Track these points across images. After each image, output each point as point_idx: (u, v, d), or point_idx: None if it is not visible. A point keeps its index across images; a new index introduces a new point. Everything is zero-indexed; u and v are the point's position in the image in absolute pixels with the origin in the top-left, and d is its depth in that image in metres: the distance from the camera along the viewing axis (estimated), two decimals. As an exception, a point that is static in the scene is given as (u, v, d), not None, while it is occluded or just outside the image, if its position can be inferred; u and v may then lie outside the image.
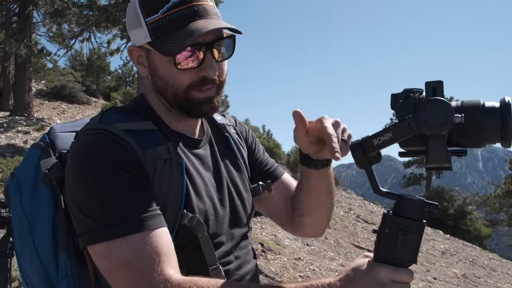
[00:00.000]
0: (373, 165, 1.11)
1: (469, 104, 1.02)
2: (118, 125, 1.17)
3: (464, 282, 9.65)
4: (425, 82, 1.05)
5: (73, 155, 1.16)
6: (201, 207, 1.23)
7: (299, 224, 1.52)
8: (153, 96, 1.30)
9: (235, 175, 1.42)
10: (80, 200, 1.11)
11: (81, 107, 20.25)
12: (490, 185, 35.64)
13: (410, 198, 1.03)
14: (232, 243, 1.33)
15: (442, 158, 1.01)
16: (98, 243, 1.07)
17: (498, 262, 13.90)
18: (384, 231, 1.02)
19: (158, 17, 1.17)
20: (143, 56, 1.25)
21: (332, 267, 7.59)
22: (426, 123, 0.99)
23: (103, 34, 16.43)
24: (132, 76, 30.96)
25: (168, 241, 1.10)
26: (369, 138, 1.08)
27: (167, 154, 1.19)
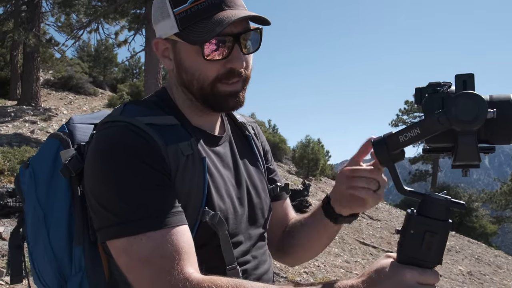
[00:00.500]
0: (396, 162, 1.07)
1: (499, 98, 0.97)
2: (140, 118, 1.14)
3: (470, 280, 9.62)
4: (455, 75, 0.99)
5: (94, 147, 1.13)
6: (222, 205, 1.21)
7: (285, 251, 1.52)
8: (177, 90, 1.28)
9: (254, 175, 1.39)
10: (100, 193, 1.09)
11: (88, 98, 20.30)
12: (496, 182, 35.45)
13: (436, 197, 0.98)
14: (250, 242, 1.30)
15: (472, 155, 0.97)
16: (118, 238, 1.05)
17: (504, 259, 13.85)
18: (409, 232, 0.98)
19: (186, 7, 1.15)
20: (169, 48, 1.23)
21: (337, 263, 7.59)
22: (458, 118, 0.93)
23: (111, 25, 16.47)
24: (139, 68, 31.03)
25: (188, 239, 1.08)
26: (394, 134, 1.04)
27: (189, 150, 1.17)
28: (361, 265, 7.88)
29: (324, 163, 19.49)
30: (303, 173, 17.77)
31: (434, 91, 1.02)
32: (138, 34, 16.04)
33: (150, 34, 14.44)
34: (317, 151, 18.26)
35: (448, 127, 0.96)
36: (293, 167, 18.85)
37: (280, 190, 1.48)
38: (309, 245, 1.46)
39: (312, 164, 17.87)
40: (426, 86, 1.05)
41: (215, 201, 1.19)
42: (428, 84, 1.05)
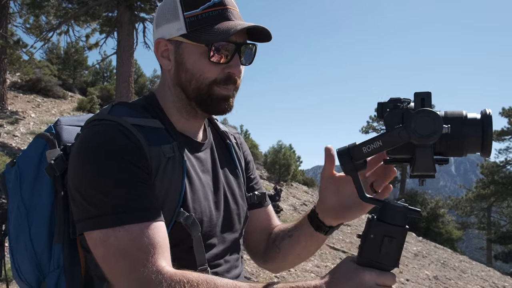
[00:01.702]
0: (358, 171, 1.14)
1: (452, 115, 1.05)
2: (127, 118, 1.21)
3: (436, 284, 9.84)
4: (414, 93, 1.08)
5: (80, 142, 1.18)
6: (197, 208, 1.26)
7: (268, 258, 1.56)
8: (170, 92, 1.34)
9: (233, 181, 1.45)
10: (82, 186, 1.13)
11: (57, 101, 19.88)
12: (462, 188, 36.44)
13: (394, 204, 1.05)
14: (224, 246, 1.35)
15: (429, 167, 1.05)
16: (96, 230, 1.10)
17: (468, 264, 14.22)
18: (369, 237, 1.04)
19: (197, 12, 1.24)
20: (170, 49, 1.30)
21: (308, 268, 7.65)
22: (416, 133, 1.00)
23: (82, 27, 16.19)
24: (110, 72, 30.60)
25: (164, 235, 1.13)
26: (358, 146, 1.11)
27: (171, 153, 1.22)
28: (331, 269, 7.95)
29: (296, 168, 19.61)
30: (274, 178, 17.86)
31: (394, 107, 1.10)
32: (109, 37, 15.84)
33: (122, 37, 14.30)
34: (288, 156, 18.37)
35: (407, 141, 1.03)
36: (265, 172, 18.91)
37: (258, 198, 1.53)
38: (291, 252, 1.50)
39: (284, 169, 17.97)
40: (387, 101, 1.13)
41: (190, 203, 1.24)
42: (389, 99, 1.13)
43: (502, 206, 32.49)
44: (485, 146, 1.03)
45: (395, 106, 1.10)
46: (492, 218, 33.21)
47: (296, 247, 1.47)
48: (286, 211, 11.93)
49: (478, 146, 1.04)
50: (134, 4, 14.56)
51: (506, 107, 31.33)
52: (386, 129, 1.09)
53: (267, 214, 1.61)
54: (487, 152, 1.04)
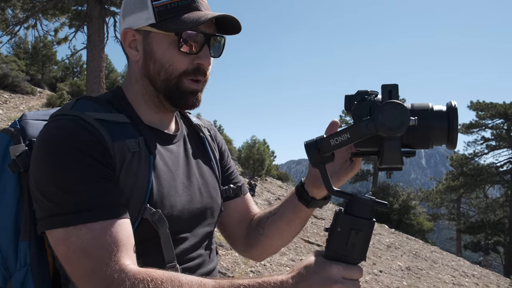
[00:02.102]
0: (326, 164, 1.13)
1: (419, 107, 1.06)
2: (90, 113, 1.17)
3: (408, 274, 10.04)
4: (382, 85, 1.07)
5: (41, 137, 1.14)
6: (166, 203, 1.23)
7: (251, 244, 1.55)
8: (137, 84, 1.31)
9: (206, 174, 1.42)
10: (43, 184, 1.09)
11: (25, 97, 19.41)
12: (432, 181, 37.20)
13: (362, 197, 1.05)
14: (196, 240, 1.33)
15: (396, 159, 1.05)
16: (58, 228, 1.06)
17: (439, 255, 14.55)
18: (336, 230, 1.03)
19: (166, 2, 1.22)
20: (139, 40, 1.27)
21: (283, 262, 7.69)
22: (384, 125, 1.00)
23: (51, 21, 15.83)
24: (80, 67, 30.02)
25: (128, 232, 1.10)
26: (326, 138, 1.09)
27: (136, 147, 1.19)
28: (306, 263, 8.02)
29: (270, 163, 19.70)
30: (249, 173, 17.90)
31: (362, 99, 1.10)
32: (79, 31, 15.51)
33: (92, 31, 14.04)
34: (262, 151, 18.43)
35: (375, 133, 1.03)
36: (239, 168, 18.92)
37: (233, 191, 1.51)
38: (277, 232, 1.49)
39: (258, 164, 18.02)
40: (355, 94, 1.13)
41: (158, 198, 1.21)
42: (356, 92, 1.13)
43: (471, 197, 33.34)
44: (450, 138, 1.04)
45: (362, 98, 1.10)
46: (462, 209, 34.09)
47: (279, 223, 1.46)
48: (260, 206, 11.97)
49: (444, 138, 1.05)
50: (104, -2, 14.29)
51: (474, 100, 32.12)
52: (353, 121, 1.09)
53: (245, 203, 1.59)
54: (453, 144, 1.05)
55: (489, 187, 33.02)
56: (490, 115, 31.27)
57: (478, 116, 31.97)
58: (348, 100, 1.13)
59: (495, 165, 32.02)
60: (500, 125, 31.64)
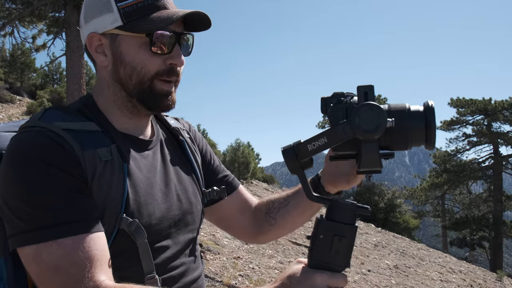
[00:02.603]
0: (305, 169, 1.10)
1: (396, 108, 1.04)
2: (58, 123, 1.12)
3: (396, 273, 10.07)
4: (357, 86, 1.05)
5: (7, 151, 1.11)
6: (144, 211, 1.19)
7: (260, 232, 1.55)
8: (108, 90, 1.27)
9: (185, 179, 1.38)
10: (10, 199, 1.05)
11: (4, 106, 19.10)
12: (417, 178, 37.54)
13: (342, 202, 1.02)
14: (177, 248, 1.28)
15: (375, 162, 1.03)
16: (28, 246, 1.02)
17: (426, 252, 14.66)
18: (319, 237, 1.00)
19: (131, 2, 1.18)
20: (106, 44, 1.23)
21: (271, 264, 7.65)
22: (360, 128, 0.98)
23: (28, 28, 15.59)
24: (60, 74, 29.66)
25: (102, 246, 1.06)
26: (303, 143, 1.06)
27: (108, 156, 1.14)
28: (295, 265, 8.00)
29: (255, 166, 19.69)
30: None
31: (338, 102, 1.08)
32: (57, 38, 15.30)
33: (71, 38, 13.84)
34: (247, 154, 18.42)
35: (353, 136, 1.00)
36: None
37: (217, 193, 1.46)
38: (287, 222, 1.50)
39: (243, 167, 17.99)
40: (331, 96, 1.11)
41: (135, 207, 1.17)
42: (332, 94, 1.12)
43: (455, 194, 33.69)
44: (429, 138, 1.03)
45: (338, 101, 1.08)
46: (446, 206, 34.41)
47: (293, 213, 1.48)
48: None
49: (422, 139, 1.04)
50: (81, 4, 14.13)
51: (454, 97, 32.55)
52: (330, 124, 1.07)
53: (241, 196, 1.59)
54: (431, 145, 1.04)
55: (472, 182, 33.42)
56: (470, 111, 31.67)
57: (458, 112, 32.35)
58: (324, 102, 1.12)
59: (477, 161, 32.43)
60: (481, 121, 32.04)
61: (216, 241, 7.97)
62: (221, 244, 7.86)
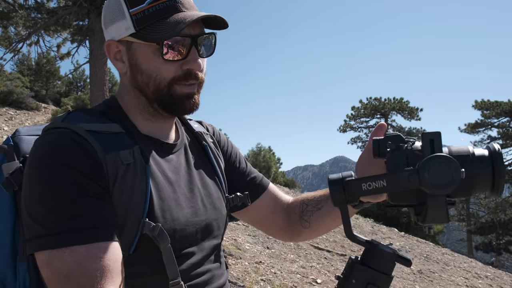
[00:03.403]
0: (349, 204, 1.03)
1: (459, 153, 0.98)
2: (81, 124, 1.12)
3: (420, 278, 9.92)
4: (422, 133, 0.98)
5: (31, 153, 1.09)
6: (168, 216, 1.17)
7: (295, 233, 1.54)
8: (128, 95, 1.26)
9: (210, 184, 1.36)
10: (30, 203, 1.04)
11: (30, 113, 19.50)
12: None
13: (383, 249, 0.97)
14: (203, 254, 1.26)
15: (442, 217, 0.95)
16: (43, 251, 1.01)
17: (450, 257, 14.40)
18: (351, 281, 0.95)
19: (143, 8, 1.15)
20: (123, 51, 1.22)
21: (293, 269, 7.62)
22: (431, 182, 0.91)
23: (53, 37, 15.92)
24: (84, 81, 30.15)
25: (115, 257, 1.04)
26: (357, 180, 0.99)
27: (130, 159, 1.13)
28: (317, 269, 7.96)
29: (276, 170, 19.68)
30: None
31: (397, 147, 1.02)
32: (81, 46, 15.61)
33: (94, 45, 14.09)
34: (268, 158, 18.44)
35: (417, 187, 0.93)
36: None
37: (240, 199, 1.43)
38: (320, 225, 1.48)
39: (264, 172, 18.01)
40: (384, 138, 1.05)
41: (159, 212, 1.15)
42: (386, 137, 1.05)
43: (480, 197, 33.02)
44: (496, 186, 0.96)
45: (397, 146, 1.02)
46: (471, 210, 33.79)
47: (326, 219, 1.45)
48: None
49: (488, 186, 0.97)
50: (105, 12, 14.36)
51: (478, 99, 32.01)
52: (389, 170, 1.00)
53: (271, 195, 1.56)
54: (497, 192, 0.97)
55: (498, 186, 32.74)
56: (495, 113, 31.14)
57: (483, 115, 31.84)
58: (377, 144, 1.06)
59: (503, 164, 31.78)
60: (506, 123, 31.49)
61: (237, 245, 7.99)
62: (242, 249, 7.87)
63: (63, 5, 14.20)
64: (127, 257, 1.10)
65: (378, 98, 35.95)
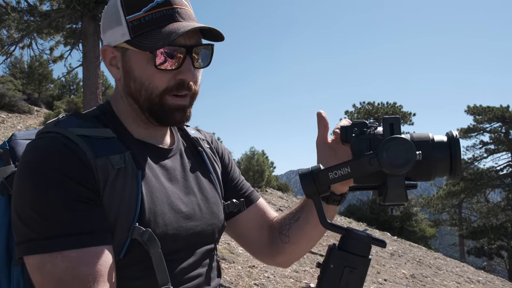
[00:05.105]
0: (321, 195, 1.07)
1: (419, 138, 1.03)
2: (73, 129, 1.11)
3: (413, 282, 9.94)
4: (383, 117, 1.03)
5: (22, 158, 1.09)
6: (160, 221, 1.15)
7: (277, 251, 1.47)
8: (122, 101, 1.25)
9: (207, 189, 1.35)
10: (20, 206, 1.04)
11: (22, 117, 19.40)
12: (433, 186, 37.09)
13: (357, 233, 1.00)
14: (195, 259, 1.25)
15: (401, 196, 1.01)
16: (33, 255, 1.01)
17: (443, 261, 14.45)
18: (329, 266, 0.98)
19: (140, 15, 1.14)
20: (118, 57, 1.21)
21: (286, 273, 7.61)
22: (389, 162, 0.96)
23: (46, 40, 15.91)
24: (77, 84, 30.09)
25: (107, 261, 1.03)
26: (324, 170, 1.04)
27: (121, 164, 1.12)
28: (310, 273, 7.96)
29: (269, 174, 19.67)
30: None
31: (361, 132, 1.07)
32: (74, 49, 15.59)
33: (87, 49, 14.07)
34: (262, 162, 18.41)
35: (378, 169, 0.99)
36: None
37: (236, 206, 1.43)
38: (301, 237, 1.41)
39: (258, 175, 17.98)
40: (351, 125, 1.10)
41: (151, 217, 1.14)
42: (353, 123, 1.11)
43: (472, 202, 33.27)
44: (453, 170, 1.01)
45: (361, 131, 1.07)
46: (463, 214, 33.98)
47: (306, 228, 1.38)
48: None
49: (447, 170, 1.02)
50: (98, 15, 14.33)
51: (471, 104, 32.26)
52: (353, 155, 1.06)
53: (260, 209, 1.52)
54: (456, 176, 1.02)
55: (490, 191, 33.01)
56: (487, 118, 31.37)
57: (475, 120, 32.06)
58: (344, 131, 1.11)
59: (495, 169, 32.02)
60: (498, 128, 31.73)
61: (231, 249, 7.97)
62: (236, 253, 7.85)
63: (56, 8, 14.19)
64: (117, 261, 1.09)
65: (372, 103, 36.16)
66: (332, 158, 1.23)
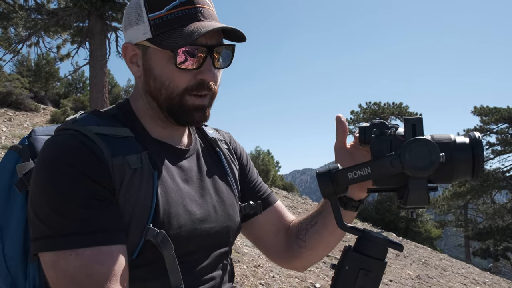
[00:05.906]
0: (338, 196, 1.05)
1: (441, 140, 1.00)
2: (91, 127, 1.11)
3: (419, 283, 9.91)
4: (404, 118, 1.01)
5: (40, 155, 1.09)
6: (174, 223, 1.14)
7: (294, 256, 1.45)
8: (142, 100, 1.25)
9: (223, 191, 1.34)
10: (37, 203, 1.04)
11: (29, 114, 19.48)
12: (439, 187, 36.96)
13: (374, 235, 0.99)
14: (209, 262, 1.24)
15: (423, 199, 0.98)
16: (48, 252, 1.01)
17: (448, 262, 14.39)
18: (344, 268, 0.97)
19: (162, 14, 1.14)
20: (139, 54, 1.20)
21: (291, 273, 7.60)
22: (411, 164, 0.94)
23: (53, 38, 15.98)
24: (83, 83, 30.18)
25: (121, 260, 1.03)
26: (343, 170, 1.02)
27: (138, 164, 1.11)
28: (315, 273, 7.94)
29: (275, 174, 19.67)
30: None
31: (381, 133, 1.05)
32: (81, 47, 15.65)
33: (94, 47, 14.13)
34: (267, 162, 18.41)
35: (400, 171, 0.97)
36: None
37: (252, 208, 1.41)
38: (318, 242, 1.40)
39: (263, 175, 17.96)
40: (370, 125, 1.08)
41: (164, 218, 1.13)
42: (371, 124, 1.08)
43: (478, 203, 33.12)
44: (475, 172, 0.99)
45: (381, 132, 1.05)
46: (469, 216, 33.82)
47: (323, 233, 1.37)
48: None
49: (469, 172, 0.99)
50: (105, 14, 14.41)
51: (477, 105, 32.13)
52: (373, 156, 1.03)
53: (277, 212, 1.51)
54: (477, 178, 1.00)
55: (496, 192, 32.82)
56: (494, 120, 31.21)
57: (482, 121, 31.89)
58: (363, 132, 1.09)
59: (501, 170, 31.85)
60: (505, 129, 31.55)
61: (236, 249, 7.97)
62: (241, 252, 7.85)
63: (64, 6, 14.24)
64: (130, 261, 1.08)
65: (378, 103, 36.06)
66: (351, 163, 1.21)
